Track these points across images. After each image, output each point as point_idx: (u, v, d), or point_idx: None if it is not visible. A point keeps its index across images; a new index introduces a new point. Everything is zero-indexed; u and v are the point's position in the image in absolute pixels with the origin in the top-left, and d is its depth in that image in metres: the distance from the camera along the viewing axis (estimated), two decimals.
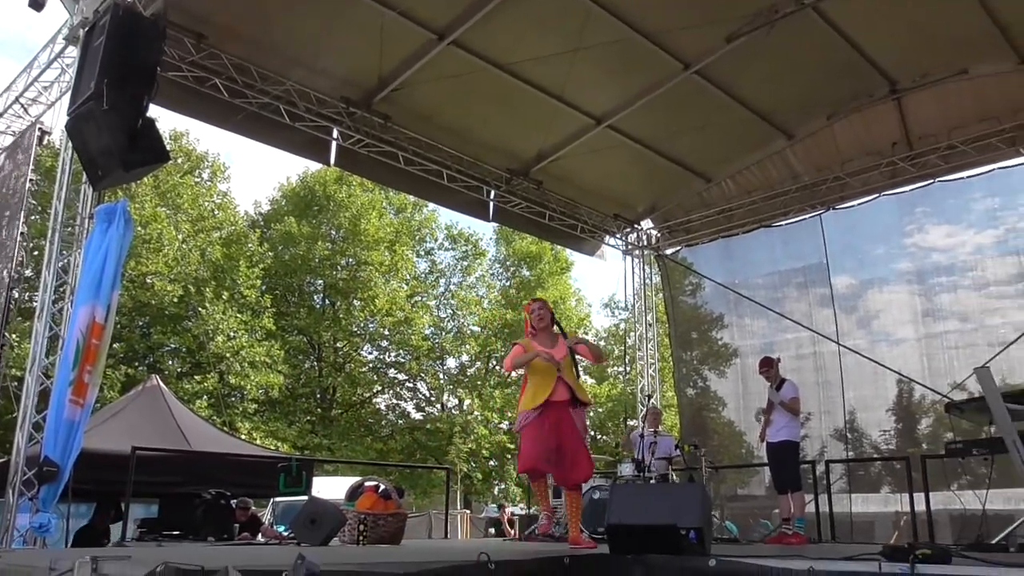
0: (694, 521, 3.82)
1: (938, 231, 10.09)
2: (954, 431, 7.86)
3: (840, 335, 10.44)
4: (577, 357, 5.54)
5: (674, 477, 8.91)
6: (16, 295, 14.36)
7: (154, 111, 7.16)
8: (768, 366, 7.72)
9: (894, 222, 10.22)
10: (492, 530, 17.48)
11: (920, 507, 7.75)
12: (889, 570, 3.18)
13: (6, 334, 7.49)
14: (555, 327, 5.64)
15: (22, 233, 8.08)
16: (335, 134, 9.31)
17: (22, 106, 8.56)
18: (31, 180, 8.27)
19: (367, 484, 6.13)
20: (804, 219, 10.89)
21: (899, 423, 10.49)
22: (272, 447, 18.37)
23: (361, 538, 5.42)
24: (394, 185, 13.32)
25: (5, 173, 8.73)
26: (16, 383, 7.12)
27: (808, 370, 10.67)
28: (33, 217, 14.42)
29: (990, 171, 9.34)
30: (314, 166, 25.31)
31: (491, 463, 25.44)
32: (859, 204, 10.37)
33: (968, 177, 9.52)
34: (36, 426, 6.49)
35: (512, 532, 13.74)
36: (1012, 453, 4.83)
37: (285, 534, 7.58)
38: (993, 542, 4.96)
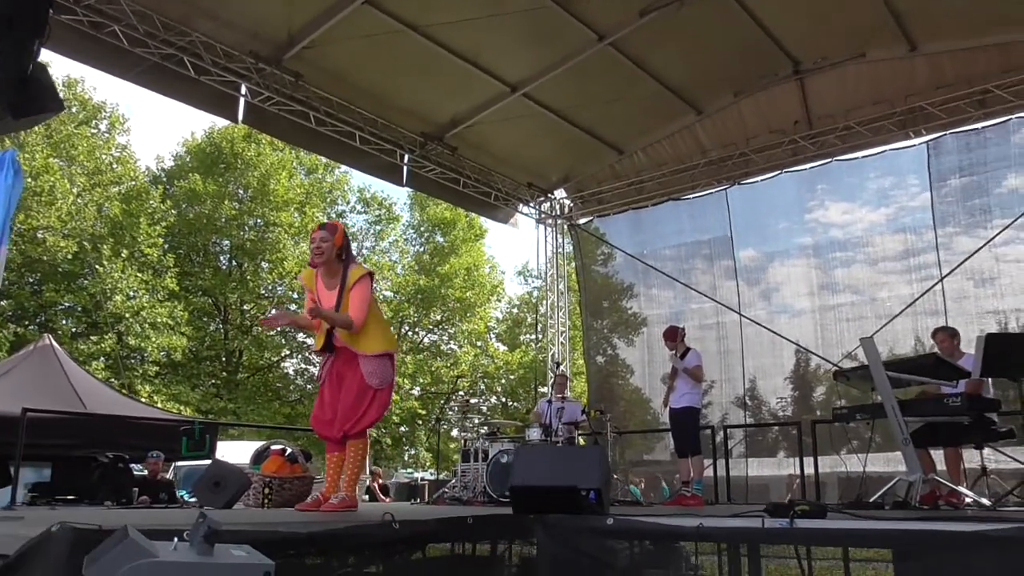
0: (593, 482, 3.98)
1: (836, 208, 10.60)
2: (844, 399, 8.38)
3: (743, 306, 10.88)
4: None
5: (580, 442, 9.18)
6: None
7: (46, 55, 6.77)
8: (672, 337, 8.01)
9: (796, 198, 10.66)
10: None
11: (810, 470, 8.26)
12: (771, 525, 3.41)
13: None
14: (341, 256, 4.70)
15: None
16: (243, 90, 9.00)
17: None
18: None
19: (273, 448, 6.09)
20: (711, 193, 11.24)
21: (795, 391, 11.04)
22: (175, 411, 17.86)
23: (266, 501, 5.39)
24: (305, 145, 13.00)
25: None
26: None
27: (711, 339, 11.07)
28: None
29: (882, 152, 9.86)
30: (221, 122, 24.37)
31: (401, 428, 25.48)
32: (762, 180, 10.79)
33: (863, 157, 10.02)
34: None
35: (386, 499, 13.70)
36: (891, 417, 5.21)
37: (188, 499, 7.45)
38: (871, 500, 5.37)
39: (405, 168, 10.82)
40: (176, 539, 2.04)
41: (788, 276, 10.95)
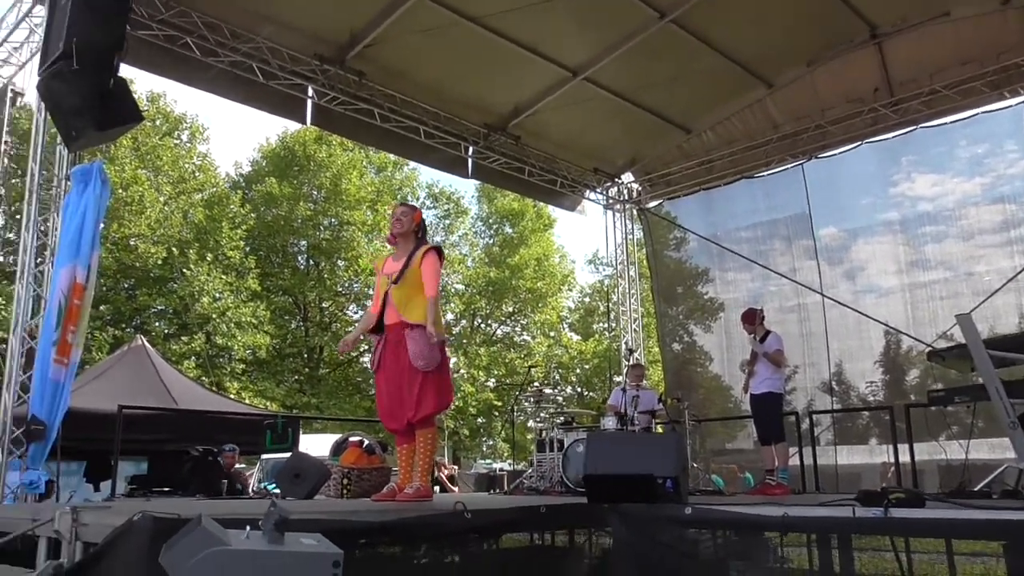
0: (670, 470, 3.88)
1: (924, 180, 10.07)
2: (941, 381, 7.93)
3: (824, 287, 10.48)
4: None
5: (659, 431, 9.02)
6: (1, 258, 14.26)
7: (129, 72, 7.05)
8: (751, 320, 7.75)
9: (878, 171, 10.15)
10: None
11: (905, 457, 7.85)
12: (863, 515, 3.24)
13: None
14: (417, 235, 4.87)
15: (0, 196, 7.98)
16: (310, 92, 9.18)
17: None
18: (7, 143, 8.14)
19: (351, 440, 6.20)
20: (786, 169, 10.81)
21: (886, 374, 10.57)
22: (261, 406, 18.48)
23: (345, 492, 5.49)
24: (372, 143, 13.17)
25: None
26: (3, 345, 7.13)
27: (793, 322, 10.70)
28: (14, 180, 14.29)
29: (973, 116, 9.24)
30: (293, 126, 25.02)
31: (479, 420, 25.68)
32: (841, 153, 10.30)
33: (952, 123, 9.41)
34: (23, 386, 6.56)
35: (454, 489, 13.71)
36: (995, 400, 4.78)
37: (273, 491, 7.68)
38: (976, 489, 5.01)
39: (470, 160, 10.85)
40: (248, 527, 2.08)
41: (873, 254, 10.49)
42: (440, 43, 8.80)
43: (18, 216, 11.56)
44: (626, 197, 12.57)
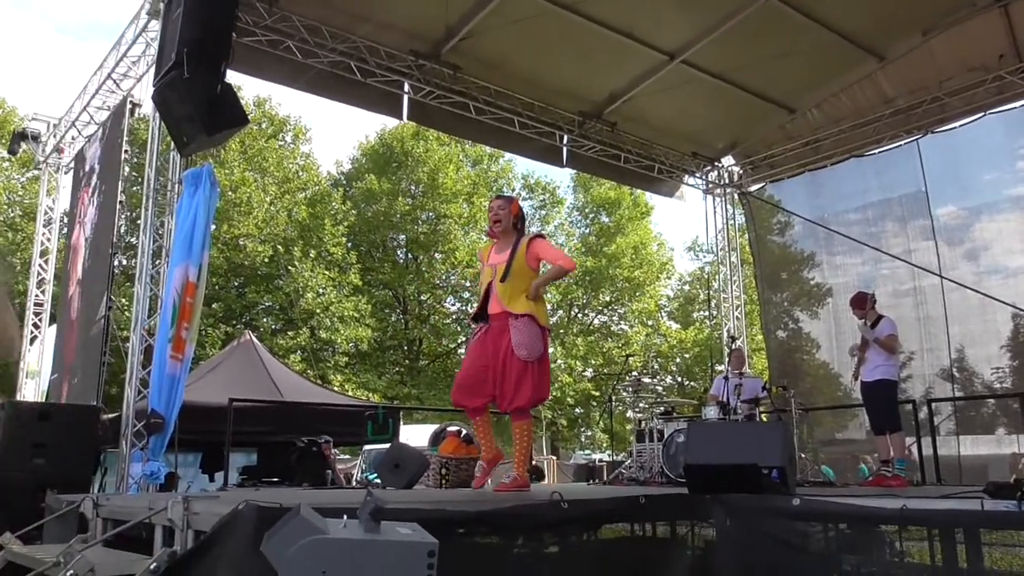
0: (776, 460, 3.72)
1: None
2: None
3: (944, 268, 9.87)
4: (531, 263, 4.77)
5: (762, 420, 8.73)
6: (124, 261, 15.25)
7: (235, 78, 7.34)
8: (861, 304, 7.40)
9: (1005, 143, 9.48)
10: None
11: None
12: (993, 508, 2.99)
13: (112, 298, 7.94)
14: (516, 226, 4.91)
15: (120, 202, 8.47)
16: (406, 88, 9.34)
17: (114, 82, 8.90)
18: (126, 151, 8.63)
19: (449, 429, 6.28)
20: (899, 146, 10.22)
21: (1015, 360, 9.88)
22: (364, 398, 19.03)
23: (443, 481, 5.55)
24: (467, 136, 13.28)
25: (105, 147, 9.16)
26: (126, 343, 7.59)
27: (908, 307, 10.19)
28: (135, 188, 15.22)
29: None
30: (391, 123, 25.61)
31: (576, 410, 25.60)
32: (961, 126, 9.62)
33: None
34: (143, 382, 6.93)
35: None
36: None
37: (375, 481, 7.87)
38: None
39: (565, 149, 10.78)
40: (345, 516, 2.10)
41: (999, 232, 9.80)
42: (533, 33, 8.77)
43: (138, 221, 12.31)
44: (727, 181, 12.21)
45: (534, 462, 13.69)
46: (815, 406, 10.67)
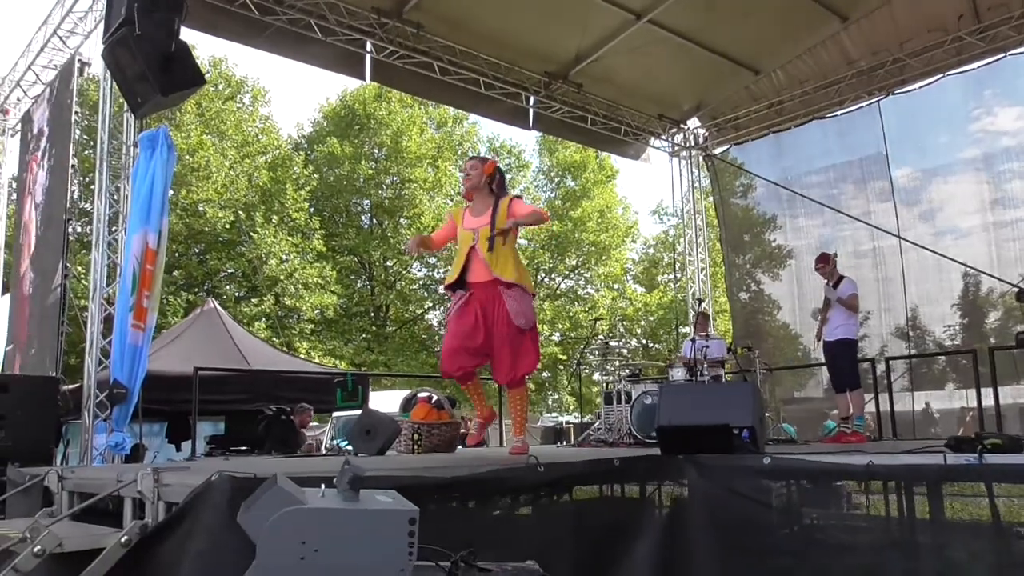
0: (746, 420, 3.78)
1: (1008, 113, 9.49)
2: None
3: (901, 229, 10.05)
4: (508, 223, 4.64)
5: (727, 380, 8.87)
6: (79, 228, 14.83)
7: (190, 36, 7.08)
8: (824, 262, 7.56)
9: (960, 105, 9.61)
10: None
11: (988, 402, 7.58)
12: (955, 462, 3.08)
13: (68, 266, 7.70)
14: (492, 188, 4.75)
15: (73, 166, 8.19)
16: (368, 47, 9.11)
17: (61, 39, 8.52)
18: (76, 113, 8.32)
19: (420, 395, 6.25)
20: (860, 107, 10.31)
21: (964, 317, 10.17)
22: (331, 365, 18.90)
23: (416, 447, 5.55)
24: (431, 96, 13.06)
25: (53, 108, 8.81)
26: (85, 312, 7.39)
27: (867, 267, 10.38)
28: (87, 151, 14.72)
29: None
30: (352, 84, 25.10)
31: (544, 374, 25.78)
32: (921, 87, 9.73)
33: None
34: (104, 351, 6.77)
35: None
36: None
37: (345, 447, 7.85)
38: None
39: (531, 111, 10.67)
40: (323, 486, 2.07)
41: (952, 194, 9.98)
42: None
43: (92, 187, 11.93)
44: (692, 143, 12.21)
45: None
46: (779, 366, 10.87)
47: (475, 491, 2.81)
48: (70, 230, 8.07)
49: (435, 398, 6.24)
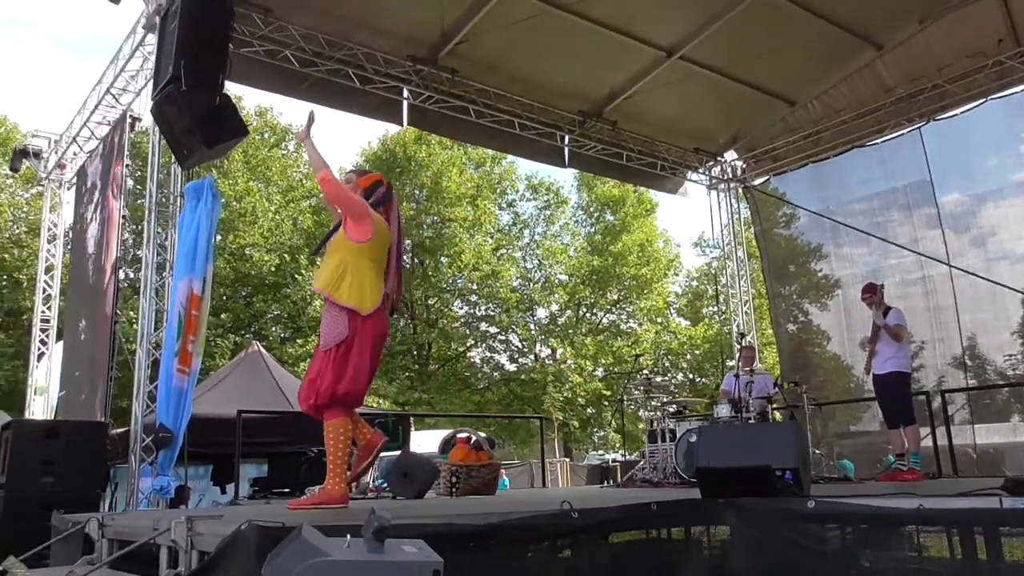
0: (789, 461, 3.66)
1: None
2: None
3: (952, 256, 9.79)
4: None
5: (777, 417, 8.65)
6: (131, 275, 15.31)
7: (233, 88, 7.32)
8: (872, 292, 7.38)
9: (1007, 128, 9.40)
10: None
11: None
12: (1012, 506, 2.92)
13: (119, 311, 7.93)
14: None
15: (123, 216, 8.48)
16: (405, 93, 9.31)
17: (113, 96, 8.91)
18: (127, 166, 8.64)
19: (459, 436, 6.22)
20: (902, 135, 10.15)
21: None
22: (374, 405, 19.00)
23: (454, 490, 5.51)
24: (468, 139, 13.26)
25: (105, 162, 9.17)
26: (135, 356, 7.58)
27: (917, 296, 10.12)
28: (139, 201, 15.24)
29: None
30: (393, 129, 25.56)
31: (588, 411, 25.53)
32: (963, 112, 9.56)
33: None
34: (150, 396, 6.92)
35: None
36: None
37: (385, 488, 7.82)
38: None
39: (566, 149, 10.74)
40: (349, 536, 2.06)
41: (1005, 218, 9.70)
42: (530, 34, 8.73)
43: (144, 235, 12.34)
44: (730, 176, 12.14)
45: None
46: (827, 400, 10.58)
47: (507, 538, 2.77)
48: (121, 276, 8.33)
49: (474, 439, 6.21)
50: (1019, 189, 9.54)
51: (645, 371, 19.34)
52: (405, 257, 26.60)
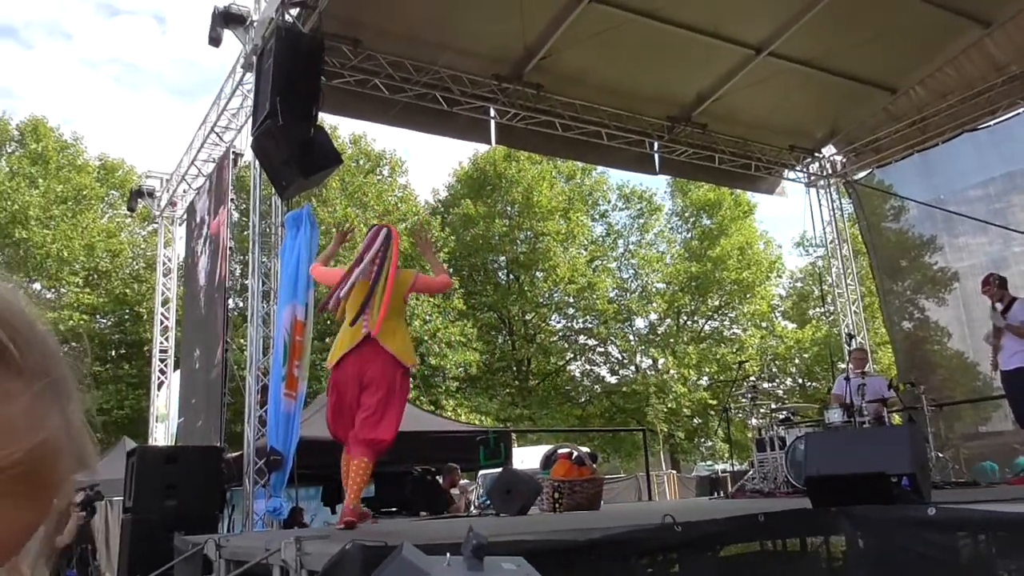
0: (905, 466, 3.45)
1: None
2: None
3: None
4: None
5: (896, 420, 8.21)
6: (240, 304, 16.12)
7: (327, 118, 7.59)
8: (987, 284, 6.92)
9: None
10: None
11: None
12: None
13: (229, 340, 8.32)
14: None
15: (230, 248, 8.91)
16: (492, 112, 9.42)
17: (217, 135, 9.42)
18: (232, 199, 9.09)
19: (560, 452, 6.19)
20: (1018, 115, 9.52)
21: None
22: (477, 422, 19.18)
23: (557, 506, 5.48)
24: (556, 153, 13.30)
25: (212, 196, 9.70)
26: (244, 383, 7.93)
27: None
28: (245, 232, 16.02)
29: None
30: (483, 148, 25.94)
31: (695, 421, 24.94)
32: None
33: None
34: (261, 420, 7.18)
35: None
36: None
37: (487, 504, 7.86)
38: None
39: (656, 156, 10.62)
40: (448, 554, 2.07)
41: None
42: (614, 43, 8.70)
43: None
44: (829, 171, 11.68)
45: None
46: (949, 400, 9.95)
47: (608, 553, 2.72)
48: (232, 305, 8.75)
49: (575, 454, 6.16)
50: None
51: (752, 378, 18.73)
52: (500, 273, 27.00)
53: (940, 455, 7.80)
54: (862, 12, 8.55)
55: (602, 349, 27.07)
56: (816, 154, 11.56)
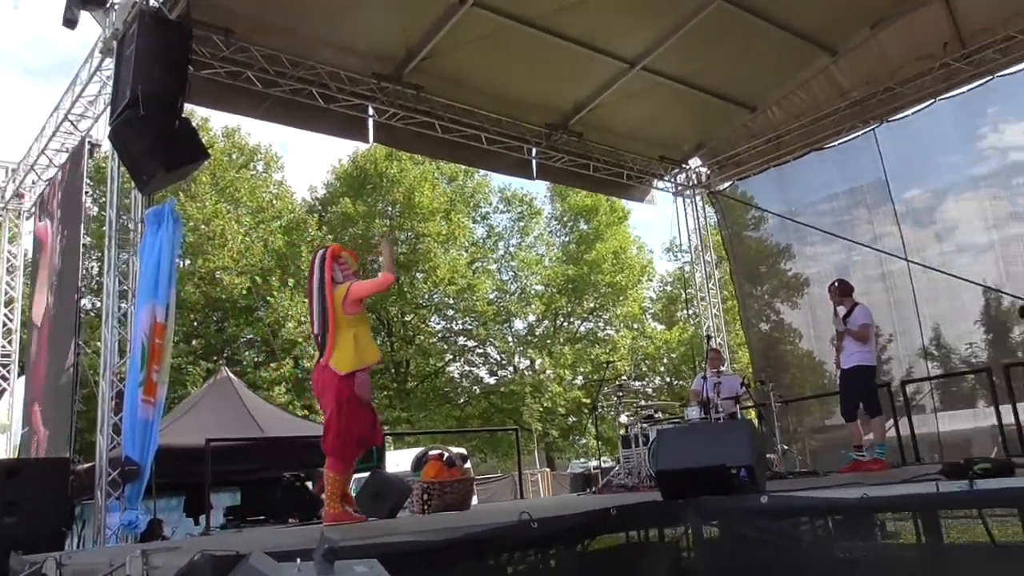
0: (744, 459, 3.73)
1: (1014, 129, 9.46)
2: None
3: (912, 251, 10.00)
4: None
5: (751, 415, 8.77)
6: (96, 303, 15.12)
7: (201, 111, 7.23)
8: (831, 291, 7.54)
9: (960, 126, 9.64)
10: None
11: (1009, 419, 7.41)
12: (948, 489, 3.03)
13: (82, 344, 7.80)
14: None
15: (84, 245, 8.36)
16: (370, 111, 9.29)
17: (71, 123, 8.82)
18: (87, 193, 8.52)
19: (431, 453, 6.22)
20: (857, 137, 10.40)
21: (988, 333, 10.02)
22: None
23: (426, 507, 5.51)
24: (436, 155, 13.30)
25: (65, 189, 9.08)
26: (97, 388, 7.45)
27: (879, 291, 10.34)
28: (103, 228, 15.05)
29: None
30: (364, 146, 25.57)
31: (569, 420, 25.57)
32: (914, 113, 9.84)
33: None
34: (115, 428, 6.73)
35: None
36: None
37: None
38: None
39: (534, 162, 10.81)
40: (299, 560, 2.08)
41: (963, 212, 9.93)
42: (494, 49, 8.79)
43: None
44: (695, 182, 12.30)
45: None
46: (796, 397, 10.74)
47: (466, 552, 2.80)
48: (87, 305, 8.22)
49: (447, 456, 6.21)
50: (976, 183, 9.77)
51: (623, 376, 19.41)
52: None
53: (787, 448, 8.40)
54: (727, 34, 9.05)
55: (481, 350, 27.29)
56: (684, 165, 12.14)
